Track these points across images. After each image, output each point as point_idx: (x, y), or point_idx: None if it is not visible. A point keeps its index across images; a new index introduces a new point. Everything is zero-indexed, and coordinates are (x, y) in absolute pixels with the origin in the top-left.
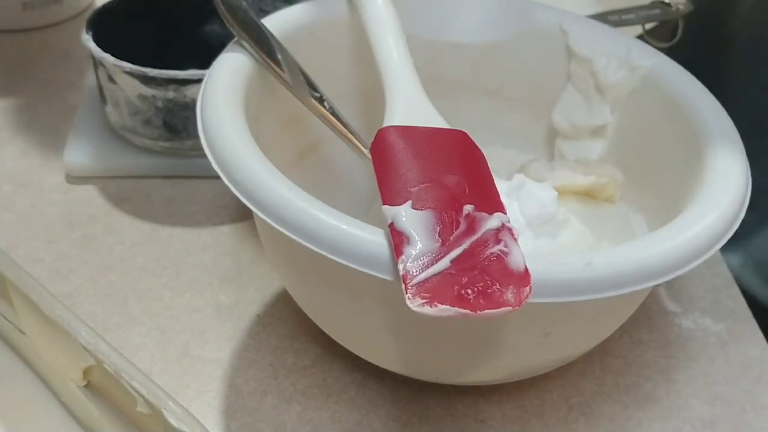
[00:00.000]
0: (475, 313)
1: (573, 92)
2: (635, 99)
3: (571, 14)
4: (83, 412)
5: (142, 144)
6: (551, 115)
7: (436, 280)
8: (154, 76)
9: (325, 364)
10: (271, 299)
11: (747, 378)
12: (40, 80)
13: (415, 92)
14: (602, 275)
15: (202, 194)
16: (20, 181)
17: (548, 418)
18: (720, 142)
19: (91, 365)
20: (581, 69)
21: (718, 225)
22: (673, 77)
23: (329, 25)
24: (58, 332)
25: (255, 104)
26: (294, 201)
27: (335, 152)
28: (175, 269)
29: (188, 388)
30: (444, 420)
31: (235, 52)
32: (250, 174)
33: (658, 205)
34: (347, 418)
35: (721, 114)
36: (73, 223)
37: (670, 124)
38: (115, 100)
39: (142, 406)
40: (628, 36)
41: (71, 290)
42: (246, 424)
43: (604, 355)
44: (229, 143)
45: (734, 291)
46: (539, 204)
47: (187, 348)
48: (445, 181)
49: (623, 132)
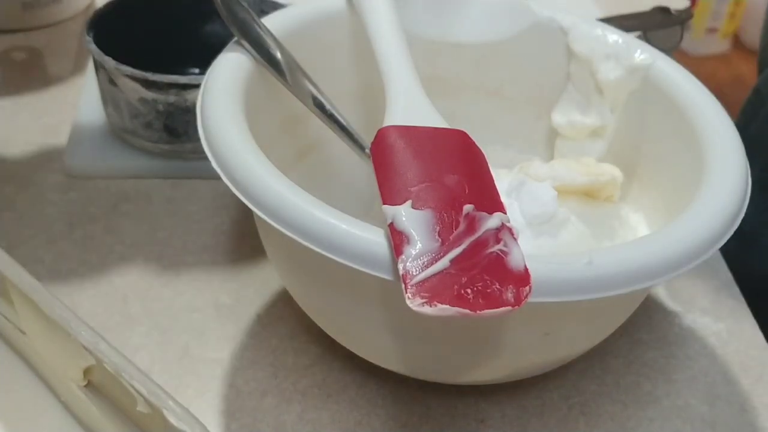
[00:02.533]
0: (474, 312)
1: (573, 92)
2: (635, 99)
3: (571, 14)
4: (83, 412)
5: (143, 146)
6: (551, 115)
7: (435, 280)
8: (155, 80)
9: (325, 364)
10: (271, 299)
11: (747, 378)
12: (41, 80)
13: (415, 92)
14: (602, 275)
15: (202, 194)
16: (20, 181)
17: (548, 418)
18: (720, 142)
19: (91, 365)
20: (581, 69)
21: (717, 225)
22: (673, 77)
23: (329, 25)
24: (58, 332)
25: (255, 104)
26: (294, 200)
27: (335, 152)
28: (175, 269)
29: (188, 388)
30: (444, 420)
31: (234, 52)
32: (250, 173)
33: (658, 205)
34: (347, 417)
35: (721, 114)
36: (73, 223)
37: (670, 124)
38: (115, 103)
39: (142, 406)
40: (628, 36)
41: (71, 290)
42: (246, 424)
43: (604, 354)
44: (229, 143)
45: (734, 291)
46: (539, 204)
47: (187, 348)
48: (445, 181)
49: (623, 132)
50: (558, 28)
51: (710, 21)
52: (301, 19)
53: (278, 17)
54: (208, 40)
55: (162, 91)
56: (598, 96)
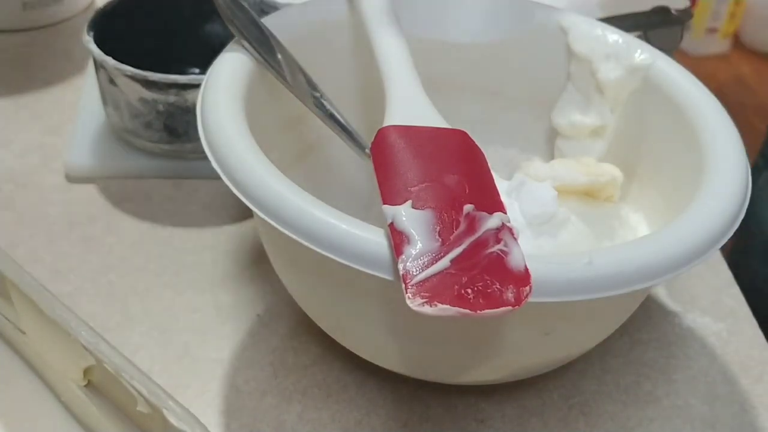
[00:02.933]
0: (475, 312)
1: (573, 92)
2: (635, 99)
3: (571, 14)
4: (83, 412)
5: (143, 146)
6: (551, 114)
7: (436, 280)
8: (155, 80)
9: (325, 364)
10: (271, 299)
11: (747, 378)
12: (41, 80)
13: (415, 92)
14: (603, 275)
15: (202, 194)
16: (20, 181)
17: (548, 418)
18: (720, 142)
19: (91, 365)
20: (581, 69)
21: (718, 225)
22: (673, 77)
23: (329, 25)
24: (58, 332)
25: (255, 104)
26: (294, 200)
27: (335, 152)
28: (175, 269)
29: (188, 388)
30: (444, 419)
31: (235, 52)
32: (250, 174)
33: (658, 205)
34: (347, 417)
35: (722, 114)
36: (73, 223)
37: (670, 123)
38: (115, 103)
39: (142, 406)
40: (628, 36)
41: (71, 290)
42: (246, 424)
43: (604, 354)
44: (229, 143)
45: (734, 291)
46: (539, 204)
47: (187, 347)
48: (446, 181)
49: (623, 132)
50: (558, 27)
51: (710, 21)
52: (301, 19)
53: (278, 17)
54: (209, 40)
55: (162, 91)
56: (598, 96)
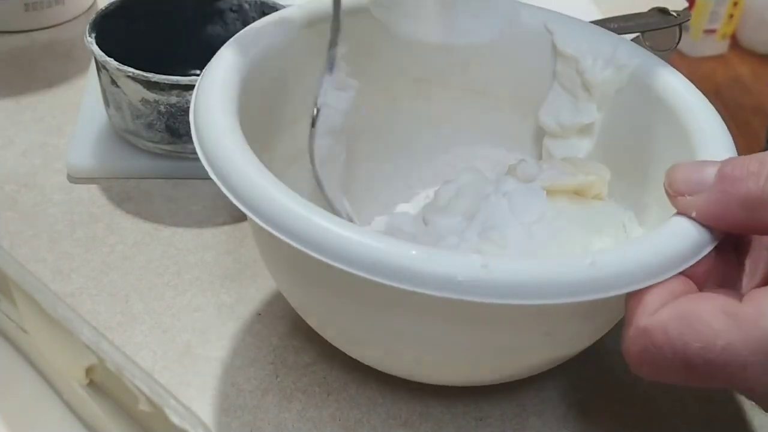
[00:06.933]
0: None
1: (559, 91)
2: (622, 97)
3: (557, 13)
4: (85, 411)
5: (145, 147)
6: (538, 114)
7: None
8: (157, 81)
9: (325, 363)
10: (272, 298)
11: None
12: (43, 80)
13: None
14: (606, 275)
15: (203, 194)
16: (22, 181)
17: (547, 417)
18: (710, 138)
19: (93, 364)
20: (567, 68)
21: None
22: (659, 75)
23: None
24: (60, 331)
25: (249, 106)
26: (289, 205)
27: None
28: (176, 268)
29: (190, 387)
30: (444, 418)
31: (228, 53)
32: (244, 178)
33: (648, 202)
34: (347, 416)
35: (709, 110)
36: (75, 223)
37: (658, 121)
38: (117, 103)
39: (144, 404)
40: (614, 34)
41: (73, 289)
42: (247, 422)
43: (604, 354)
44: (222, 146)
45: None
46: (529, 204)
47: (189, 346)
48: None
49: (610, 130)
50: (543, 27)
51: (708, 22)
52: (302, 20)
53: (279, 17)
54: (210, 41)
55: (164, 92)
56: (584, 94)
